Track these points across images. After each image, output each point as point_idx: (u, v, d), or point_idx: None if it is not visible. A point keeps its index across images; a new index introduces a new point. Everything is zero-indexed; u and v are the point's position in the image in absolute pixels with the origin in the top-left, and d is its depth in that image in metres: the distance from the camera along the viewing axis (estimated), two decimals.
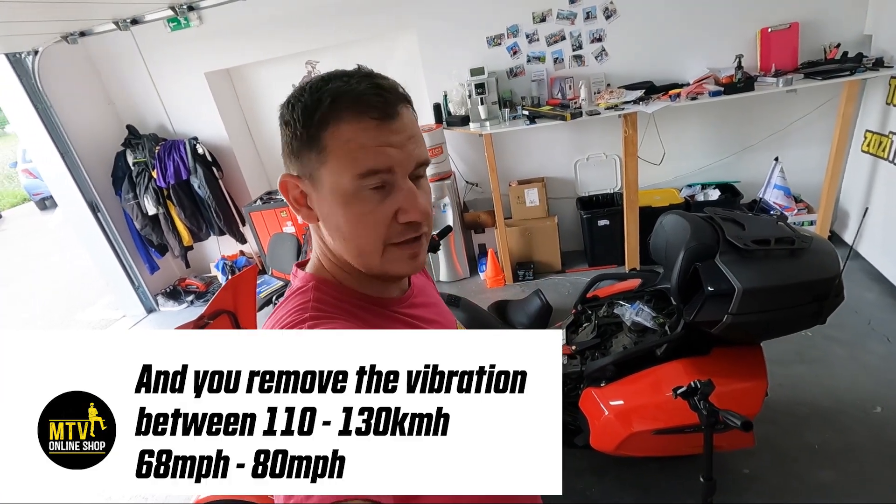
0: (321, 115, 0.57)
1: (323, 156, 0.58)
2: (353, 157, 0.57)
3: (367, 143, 0.57)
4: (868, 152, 3.02)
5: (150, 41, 3.79)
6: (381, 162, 0.57)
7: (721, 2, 3.10)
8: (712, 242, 1.59)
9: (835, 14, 3.00)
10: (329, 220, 0.62)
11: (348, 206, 0.59)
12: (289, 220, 4.00)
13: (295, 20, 3.59)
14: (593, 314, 2.15)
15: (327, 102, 0.57)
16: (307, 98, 0.58)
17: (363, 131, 0.57)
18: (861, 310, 2.74)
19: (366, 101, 0.56)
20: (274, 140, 4.39)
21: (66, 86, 3.80)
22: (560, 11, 3.31)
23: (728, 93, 2.91)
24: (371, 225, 0.60)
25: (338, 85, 0.57)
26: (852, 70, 2.75)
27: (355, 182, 0.58)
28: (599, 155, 3.70)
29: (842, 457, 2.00)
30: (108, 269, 4.32)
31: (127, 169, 4.01)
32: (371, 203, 0.59)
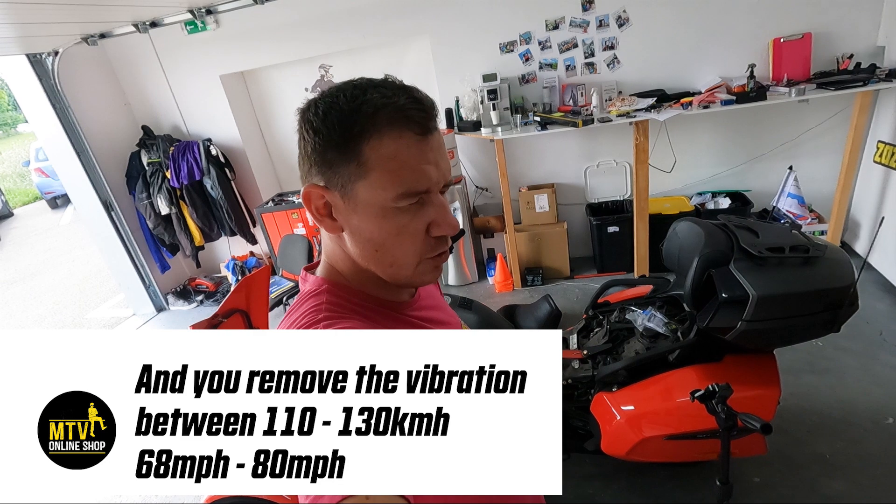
0: (361, 126, 0.55)
1: (362, 169, 0.57)
2: (396, 175, 0.57)
3: (409, 160, 0.57)
4: (880, 163, 3.01)
5: (166, 44, 3.85)
6: (422, 183, 0.58)
7: (734, 12, 3.12)
8: (726, 249, 1.60)
9: (848, 25, 3.01)
10: (360, 232, 0.62)
11: (385, 220, 0.59)
12: (300, 222, 4.03)
13: (310, 24, 3.64)
14: (605, 319, 2.16)
15: (369, 113, 0.55)
16: (344, 106, 0.56)
17: (406, 148, 0.57)
18: (873, 321, 2.73)
19: (407, 115, 0.56)
20: (286, 143, 4.44)
21: (84, 86, 3.86)
22: (573, 19, 3.34)
23: (740, 102, 2.92)
24: (408, 239, 0.61)
25: (376, 96, 0.56)
26: (865, 81, 2.76)
27: (397, 200, 0.58)
28: (610, 162, 3.71)
29: (853, 467, 1.99)
30: (119, 267, 4.37)
31: (141, 169, 4.06)
32: (406, 217, 0.60)
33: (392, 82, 0.59)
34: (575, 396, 1.95)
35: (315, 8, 3.56)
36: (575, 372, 1.97)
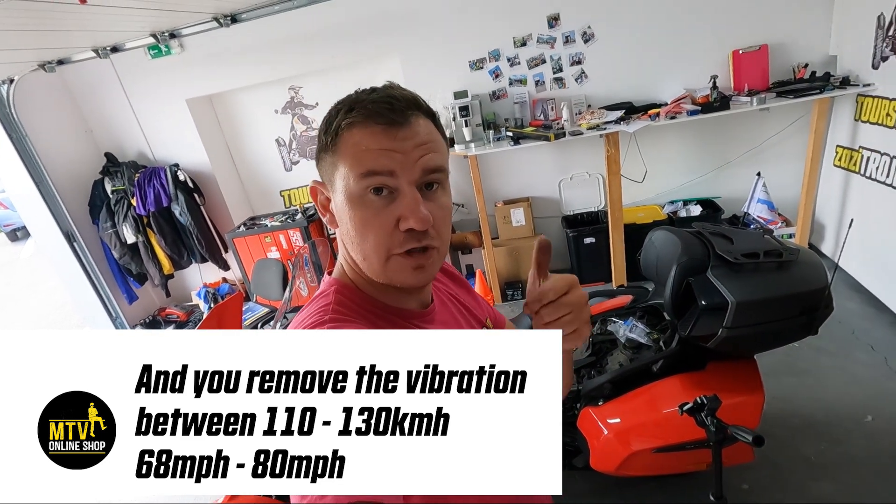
0: (337, 122, 0.61)
1: (336, 159, 0.62)
2: (357, 159, 0.60)
3: (371, 145, 0.59)
4: (840, 166, 3.12)
5: (129, 68, 3.76)
6: (381, 164, 0.59)
7: (694, 25, 3.22)
8: (703, 257, 1.61)
9: (801, 37, 3.14)
10: (342, 224, 0.65)
11: (354, 210, 0.61)
12: (273, 246, 3.94)
13: (277, 46, 3.60)
14: None
15: (344, 111, 0.61)
16: (332, 109, 0.63)
17: (370, 135, 0.59)
18: (845, 321, 2.80)
19: (376, 110, 0.60)
20: (257, 166, 4.36)
21: (42, 114, 3.72)
22: (540, 36, 3.40)
23: (705, 112, 3.00)
24: (373, 230, 0.61)
25: (357, 96, 0.62)
26: (821, 88, 2.87)
27: (358, 183, 0.60)
28: (583, 174, 3.75)
29: (838, 468, 2.00)
30: (84, 300, 4.17)
31: (105, 197, 3.92)
32: (374, 208, 0.60)
33: (383, 86, 0.64)
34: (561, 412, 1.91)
35: (282, 30, 3.53)
36: None
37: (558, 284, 0.62)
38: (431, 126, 0.64)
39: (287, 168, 4.31)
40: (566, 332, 0.61)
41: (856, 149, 2.95)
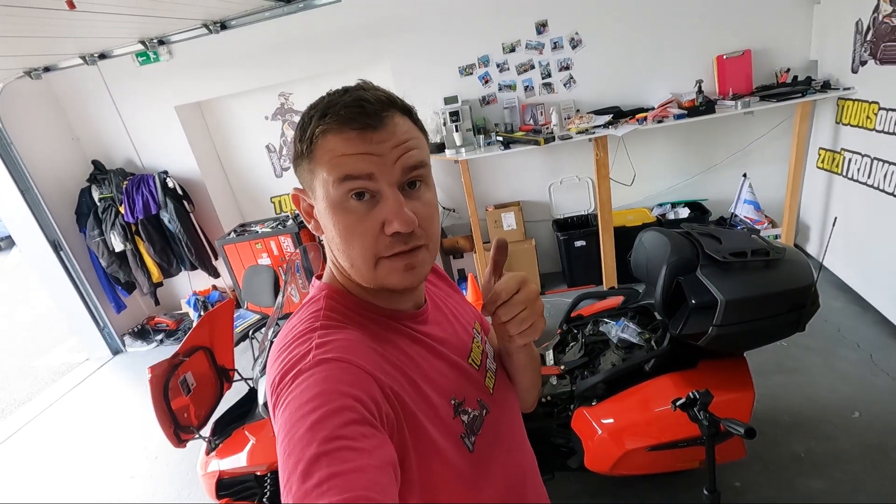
0: (311, 129, 0.60)
1: (313, 166, 0.60)
2: (334, 165, 0.58)
3: (347, 150, 0.58)
4: (823, 168, 3.19)
5: (117, 75, 3.73)
6: (358, 168, 0.58)
7: (678, 31, 3.29)
8: (692, 256, 1.63)
9: (782, 42, 3.22)
10: (327, 230, 0.63)
11: (337, 216, 0.60)
12: (264, 252, 3.92)
13: (267, 53, 3.61)
14: (579, 333, 2.16)
15: (317, 117, 0.59)
16: (305, 115, 0.62)
17: (344, 141, 0.58)
18: (830, 319, 2.84)
19: (347, 114, 0.58)
20: (247, 172, 4.35)
21: (28, 122, 3.69)
22: (528, 42, 3.44)
23: (691, 115, 3.05)
24: (358, 236, 0.60)
25: (329, 100, 0.61)
26: (803, 92, 2.94)
27: (338, 188, 0.59)
28: (573, 178, 3.79)
29: (828, 464, 2.03)
30: (71, 310, 4.11)
31: (92, 205, 3.88)
32: (357, 214, 0.59)
33: (356, 85, 0.63)
34: (555, 414, 1.92)
35: (272, 36, 3.54)
36: (553, 388, 1.95)
37: (509, 284, 0.64)
38: (408, 122, 0.63)
39: (277, 174, 4.30)
40: (522, 328, 0.64)
41: (838, 151, 3.02)
